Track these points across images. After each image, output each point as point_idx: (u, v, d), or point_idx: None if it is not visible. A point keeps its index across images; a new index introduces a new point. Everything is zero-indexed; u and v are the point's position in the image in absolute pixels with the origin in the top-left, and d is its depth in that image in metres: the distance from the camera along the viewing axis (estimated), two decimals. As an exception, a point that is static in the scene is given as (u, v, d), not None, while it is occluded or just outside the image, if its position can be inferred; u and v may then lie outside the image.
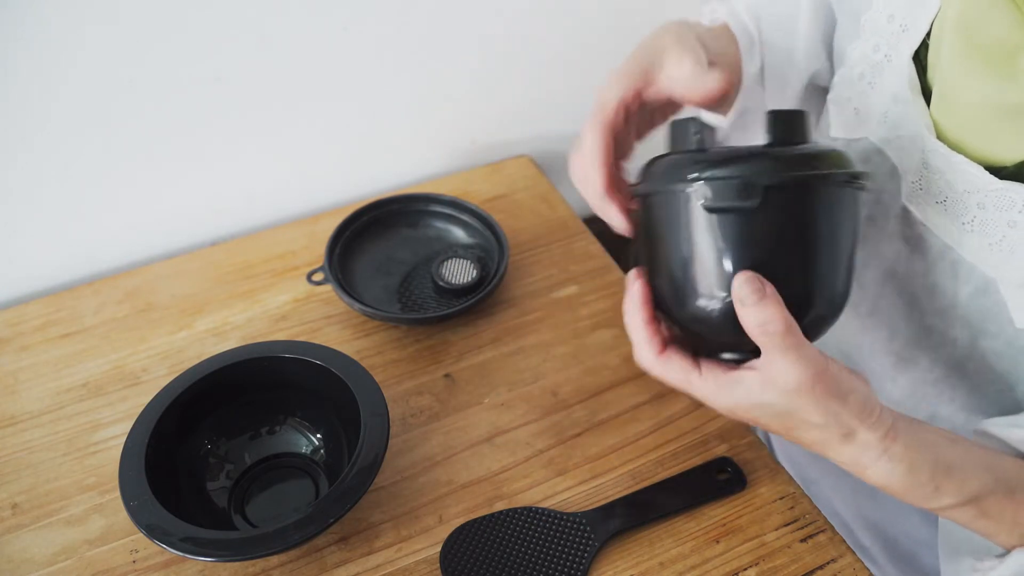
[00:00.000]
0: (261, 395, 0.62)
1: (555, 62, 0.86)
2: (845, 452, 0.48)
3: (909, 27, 0.54)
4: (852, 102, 0.59)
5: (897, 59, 0.55)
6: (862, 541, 0.74)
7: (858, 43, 0.58)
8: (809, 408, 0.46)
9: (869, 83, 0.57)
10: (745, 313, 0.45)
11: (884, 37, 0.56)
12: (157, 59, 0.69)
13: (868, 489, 0.71)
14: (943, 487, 0.48)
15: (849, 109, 0.60)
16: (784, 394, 0.46)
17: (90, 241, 0.76)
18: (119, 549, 0.57)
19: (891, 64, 0.56)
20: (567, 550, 0.56)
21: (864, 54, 0.57)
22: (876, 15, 0.56)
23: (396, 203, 0.77)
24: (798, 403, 0.46)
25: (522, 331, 0.71)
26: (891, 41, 0.55)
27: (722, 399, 0.48)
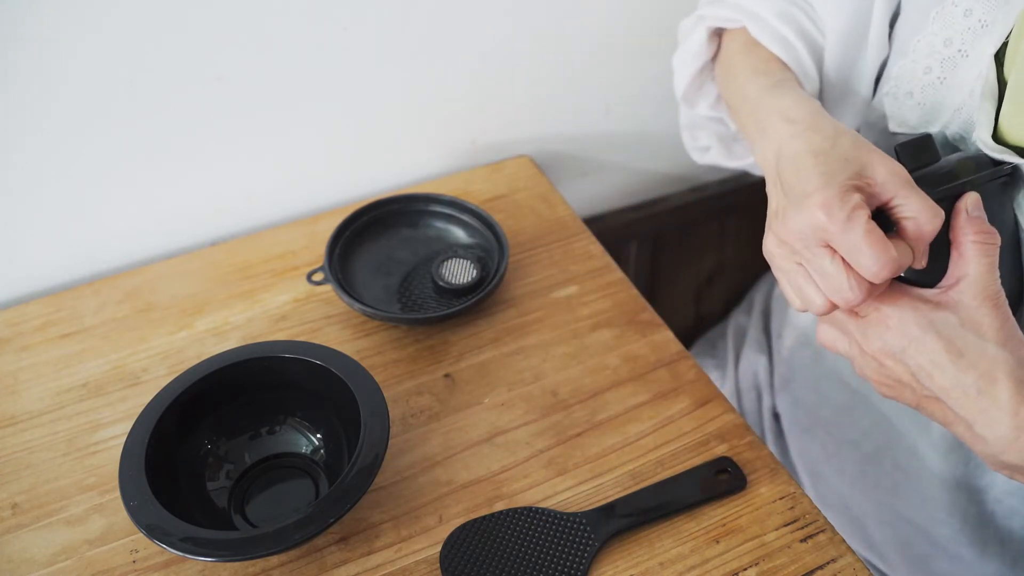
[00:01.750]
0: (261, 395, 0.62)
1: (555, 62, 0.86)
2: (1004, 389, 0.45)
3: (990, 23, 0.53)
4: (915, 97, 0.58)
5: (975, 55, 0.54)
6: (875, 537, 0.74)
7: (924, 36, 0.56)
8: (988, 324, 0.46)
9: (939, 78, 0.56)
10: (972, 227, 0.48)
11: (959, 32, 0.54)
12: (157, 59, 0.69)
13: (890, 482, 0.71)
14: None
15: (911, 103, 0.58)
16: (974, 303, 0.47)
17: (90, 241, 0.76)
18: (119, 549, 0.57)
19: (967, 60, 0.54)
20: (567, 550, 0.56)
21: (932, 47, 0.56)
22: (951, 8, 0.54)
23: (396, 203, 0.77)
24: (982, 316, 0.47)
25: (522, 331, 0.71)
26: (967, 36, 0.54)
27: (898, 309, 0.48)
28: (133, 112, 0.71)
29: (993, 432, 0.46)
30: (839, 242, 0.46)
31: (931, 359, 0.47)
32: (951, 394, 0.47)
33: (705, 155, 0.77)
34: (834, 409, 0.76)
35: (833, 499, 0.77)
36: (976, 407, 0.46)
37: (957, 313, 0.47)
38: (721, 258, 1.14)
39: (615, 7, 0.84)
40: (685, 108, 0.75)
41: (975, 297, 0.47)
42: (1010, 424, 0.45)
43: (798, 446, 0.82)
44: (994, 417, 0.46)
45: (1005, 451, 0.46)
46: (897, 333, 0.49)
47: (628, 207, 1.03)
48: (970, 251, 0.48)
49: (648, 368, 0.68)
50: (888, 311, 0.49)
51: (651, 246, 1.08)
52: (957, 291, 0.48)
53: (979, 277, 0.47)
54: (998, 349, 0.46)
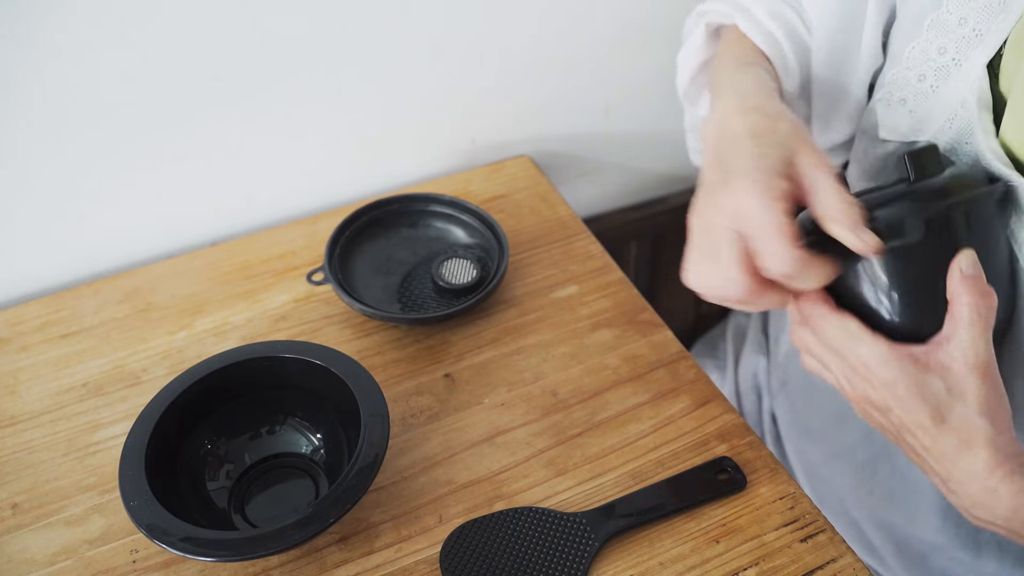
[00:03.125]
0: (261, 395, 0.62)
1: (555, 62, 0.86)
2: (979, 457, 0.47)
3: (984, 33, 0.52)
4: (907, 104, 0.58)
5: (967, 65, 0.53)
6: (872, 541, 0.74)
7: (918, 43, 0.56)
8: (974, 392, 0.47)
9: (931, 86, 0.56)
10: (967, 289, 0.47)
11: (953, 40, 0.54)
12: (156, 58, 0.69)
13: (885, 490, 0.71)
14: None
15: (903, 111, 0.58)
16: (963, 370, 0.47)
17: (90, 241, 0.76)
18: (119, 549, 0.57)
19: (960, 69, 0.54)
20: (567, 550, 0.56)
21: (926, 55, 0.55)
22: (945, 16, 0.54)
23: (396, 203, 0.77)
24: (969, 385, 0.47)
25: (522, 331, 0.71)
26: (961, 45, 0.53)
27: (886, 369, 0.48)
28: (132, 112, 0.71)
29: (965, 490, 0.48)
30: (749, 228, 0.47)
31: (915, 421, 0.48)
32: (930, 452, 0.49)
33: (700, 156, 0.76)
34: (827, 418, 0.76)
35: (831, 501, 0.77)
36: (952, 467, 0.48)
37: (945, 379, 0.48)
38: (721, 258, 1.14)
39: (615, 7, 0.84)
40: (688, 107, 0.75)
41: (965, 364, 0.47)
42: (981, 486, 0.47)
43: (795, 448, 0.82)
44: (967, 478, 0.48)
45: (975, 507, 0.48)
46: (883, 392, 0.49)
47: (628, 207, 1.03)
48: (964, 315, 0.47)
49: (648, 368, 0.68)
50: (876, 369, 0.49)
51: (651, 246, 1.08)
52: (947, 354, 0.48)
53: (971, 343, 0.47)
54: (980, 418, 0.47)
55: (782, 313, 0.86)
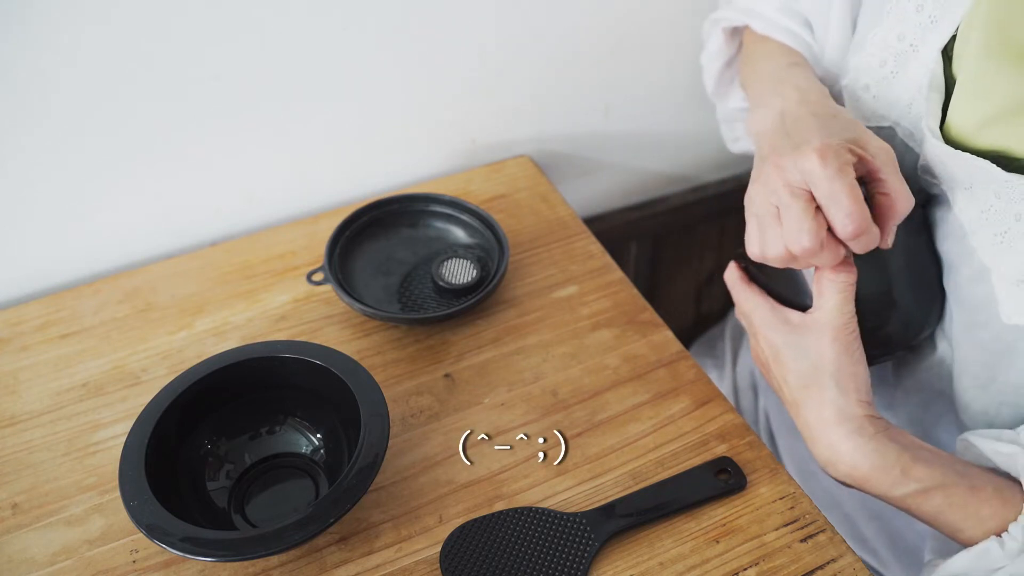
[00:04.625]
0: (261, 395, 0.62)
1: (555, 62, 0.86)
2: (825, 414, 0.53)
3: (939, 19, 0.54)
4: (871, 90, 0.59)
5: (924, 50, 0.55)
6: (864, 533, 0.74)
7: (879, 30, 0.58)
8: (827, 355, 0.53)
9: (892, 72, 0.57)
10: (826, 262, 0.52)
11: (911, 26, 0.55)
12: (156, 58, 0.69)
13: None
14: (909, 471, 0.51)
15: (867, 96, 0.60)
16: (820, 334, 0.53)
17: (90, 241, 0.76)
18: (119, 549, 0.57)
19: (917, 54, 0.55)
20: (567, 550, 0.56)
21: (887, 42, 0.57)
22: (903, 3, 0.56)
23: (396, 203, 0.77)
24: (823, 348, 0.53)
25: (522, 331, 0.71)
26: (918, 31, 0.55)
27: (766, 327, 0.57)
28: (132, 111, 0.71)
29: (816, 446, 0.55)
30: (823, 188, 0.49)
31: (782, 375, 0.56)
32: (792, 408, 0.56)
33: (736, 144, 0.83)
34: None
35: (823, 497, 0.77)
36: (806, 425, 0.55)
37: (806, 338, 0.55)
38: (721, 258, 1.14)
39: (615, 7, 0.84)
40: (718, 103, 0.79)
41: (821, 328, 0.53)
42: (825, 443, 0.53)
43: (787, 444, 0.82)
44: (815, 435, 0.54)
45: (825, 464, 0.54)
46: (766, 349, 0.58)
47: (628, 207, 1.03)
48: (825, 287, 0.53)
49: (648, 368, 0.68)
50: (759, 326, 0.58)
51: (651, 246, 1.08)
52: (812, 319, 0.54)
53: (830, 310, 0.53)
54: (828, 379, 0.53)
55: None
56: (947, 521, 0.51)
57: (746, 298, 0.60)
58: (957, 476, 0.51)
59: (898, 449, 0.52)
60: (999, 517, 0.50)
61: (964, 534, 0.51)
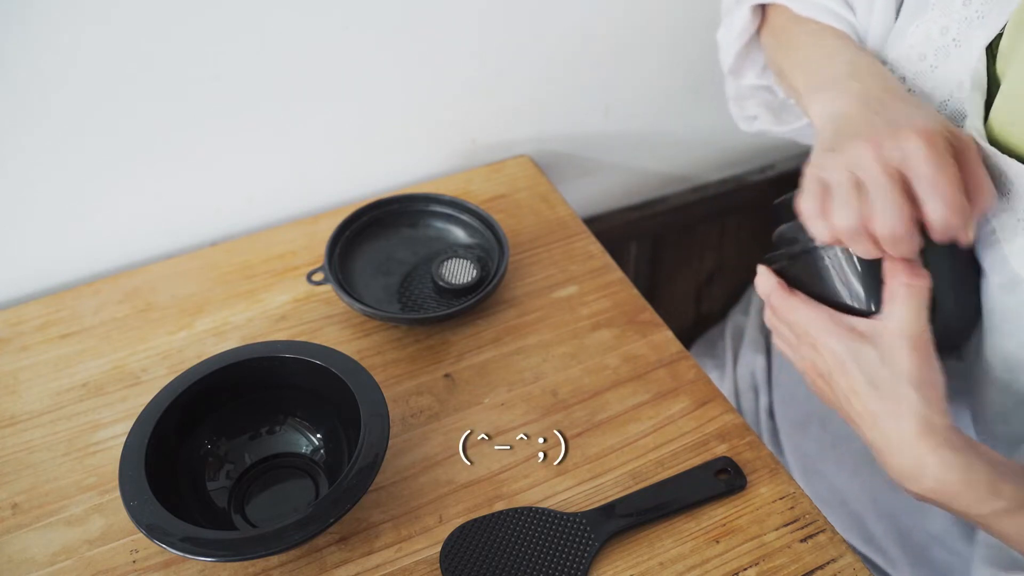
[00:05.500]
0: (261, 395, 0.62)
1: (555, 62, 0.86)
2: (907, 426, 0.48)
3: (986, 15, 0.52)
4: (907, 83, 0.58)
5: (967, 46, 0.53)
6: (873, 531, 0.74)
7: (922, 22, 0.56)
8: (905, 363, 0.48)
9: (931, 65, 0.56)
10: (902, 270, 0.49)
11: (955, 20, 0.54)
12: (156, 58, 0.69)
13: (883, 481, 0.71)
14: (1000, 488, 0.47)
15: None
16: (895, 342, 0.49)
17: (90, 241, 0.76)
18: (119, 549, 0.57)
19: (959, 49, 0.54)
20: (567, 550, 0.56)
21: (928, 34, 0.56)
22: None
23: (396, 203, 0.77)
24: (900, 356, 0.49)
25: (522, 331, 0.71)
26: (962, 26, 0.54)
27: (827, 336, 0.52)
28: (133, 112, 0.71)
29: (895, 460, 0.50)
30: (926, 173, 0.46)
31: (851, 386, 0.51)
32: (865, 420, 0.51)
33: (752, 124, 0.79)
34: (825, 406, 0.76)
35: (830, 495, 0.77)
36: (883, 437, 0.50)
37: (878, 348, 0.50)
38: (721, 258, 1.14)
39: (615, 8, 0.84)
40: (731, 80, 0.76)
41: (898, 337, 0.49)
42: (909, 456, 0.49)
43: (792, 443, 0.82)
44: (896, 448, 0.50)
45: (904, 479, 0.50)
46: (827, 358, 0.53)
47: (628, 207, 1.03)
48: (900, 293, 0.49)
49: (648, 368, 0.68)
50: (818, 336, 0.53)
51: (651, 246, 1.08)
52: (883, 327, 0.50)
53: (904, 319, 0.49)
54: (910, 388, 0.48)
55: None
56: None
57: (793, 306, 0.54)
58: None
59: (986, 464, 0.48)
60: None
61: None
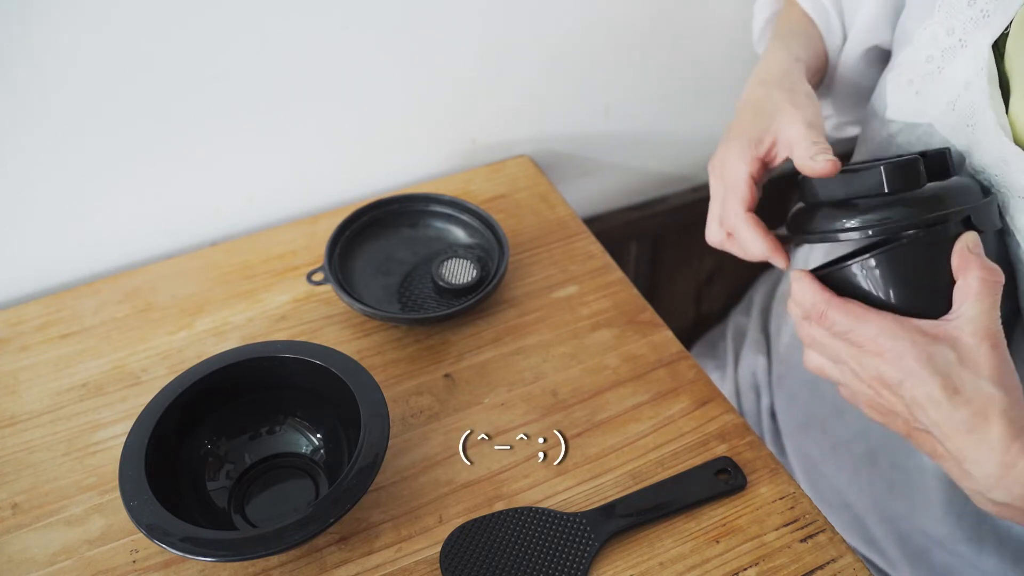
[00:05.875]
0: (261, 395, 0.62)
1: (555, 62, 0.86)
2: (995, 429, 0.46)
3: (992, 14, 0.52)
4: (914, 85, 0.58)
5: (974, 46, 0.53)
6: (874, 533, 0.74)
7: (929, 24, 0.57)
8: (986, 362, 0.46)
9: (938, 67, 0.56)
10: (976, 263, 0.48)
11: (961, 21, 0.54)
12: (156, 58, 0.69)
13: (886, 482, 0.71)
14: None
15: (910, 91, 0.59)
16: (973, 341, 0.46)
17: (90, 241, 0.76)
18: (119, 549, 0.57)
19: (965, 50, 0.54)
20: (567, 550, 0.56)
21: (934, 36, 0.56)
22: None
23: (396, 203, 0.77)
24: (980, 355, 0.46)
25: (522, 331, 0.71)
26: (968, 26, 0.54)
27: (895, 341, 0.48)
28: (133, 112, 0.71)
29: (981, 469, 0.47)
30: (727, 183, 0.58)
31: (927, 393, 0.47)
32: (943, 429, 0.47)
33: None
34: (828, 408, 0.76)
35: (832, 497, 0.77)
36: (966, 443, 0.47)
37: (956, 349, 0.47)
38: (721, 258, 1.14)
39: (615, 7, 0.84)
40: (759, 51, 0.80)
41: (974, 335, 0.47)
42: (998, 462, 0.46)
43: (795, 445, 0.82)
44: (983, 454, 0.46)
45: (992, 488, 0.47)
46: (894, 365, 0.48)
47: (628, 207, 1.03)
48: (975, 288, 0.47)
49: (648, 368, 0.68)
50: (885, 343, 0.49)
51: (651, 246, 1.08)
52: (956, 327, 0.47)
53: (980, 315, 0.47)
54: (994, 388, 0.46)
55: (782, 308, 0.87)
56: None
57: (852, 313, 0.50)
58: None
59: None
60: None
61: None
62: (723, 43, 0.92)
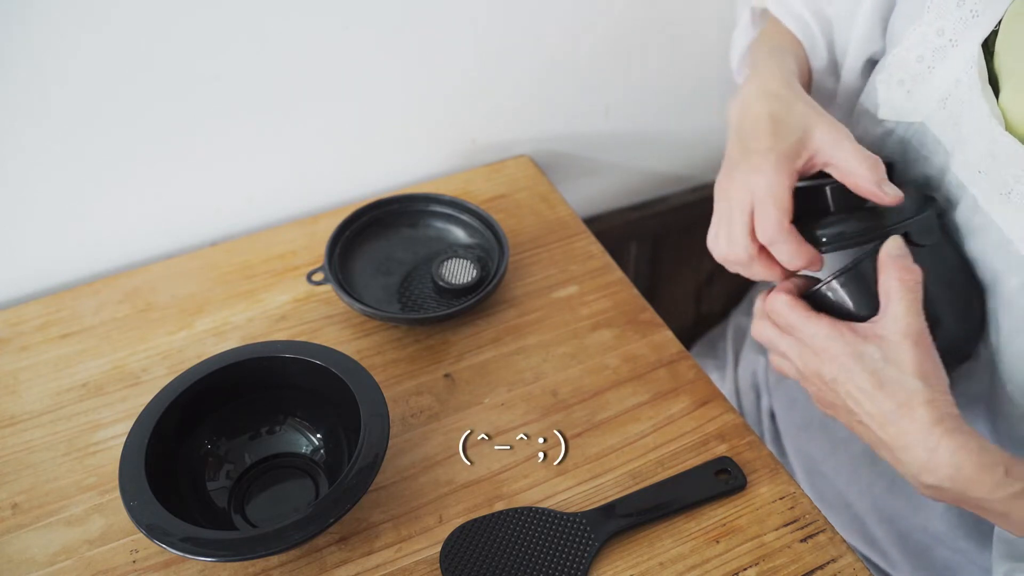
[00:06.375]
0: (261, 395, 0.62)
1: (555, 62, 0.86)
2: (918, 416, 0.50)
3: (981, 13, 0.54)
4: (905, 84, 0.59)
5: (964, 44, 0.54)
6: (874, 533, 0.74)
7: (918, 25, 0.57)
8: (908, 358, 0.51)
9: (928, 67, 0.57)
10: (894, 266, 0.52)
11: (951, 21, 0.55)
12: (156, 58, 0.69)
13: (886, 481, 0.71)
14: (1013, 470, 0.49)
15: (901, 91, 0.60)
16: (896, 339, 0.51)
17: (90, 241, 0.76)
18: (119, 549, 0.57)
19: (956, 49, 0.55)
20: (567, 550, 0.56)
21: (924, 36, 0.57)
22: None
23: (396, 203, 0.77)
24: (902, 352, 0.51)
25: (522, 331, 0.71)
26: (958, 26, 0.55)
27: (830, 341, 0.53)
28: (133, 112, 0.71)
29: (910, 455, 0.51)
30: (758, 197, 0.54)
31: (858, 387, 0.52)
32: (875, 419, 0.52)
33: None
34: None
35: (832, 497, 0.77)
36: (895, 432, 0.51)
37: (881, 348, 0.52)
38: (721, 258, 1.14)
39: (615, 7, 0.84)
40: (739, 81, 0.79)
41: (896, 333, 0.51)
42: (923, 446, 0.50)
43: (795, 445, 0.82)
44: (910, 440, 0.51)
45: (921, 472, 0.51)
46: (829, 363, 0.54)
47: (628, 207, 1.03)
48: (894, 289, 0.52)
49: (648, 368, 0.68)
50: (822, 342, 0.54)
51: (651, 246, 1.08)
52: (882, 326, 0.52)
53: (901, 315, 0.51)
54: (916, 381, 0.50)
55: None
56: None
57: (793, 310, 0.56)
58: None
59: (997, 447, 0.49)
60: None
61: None
62: (723, 43, 0.92)
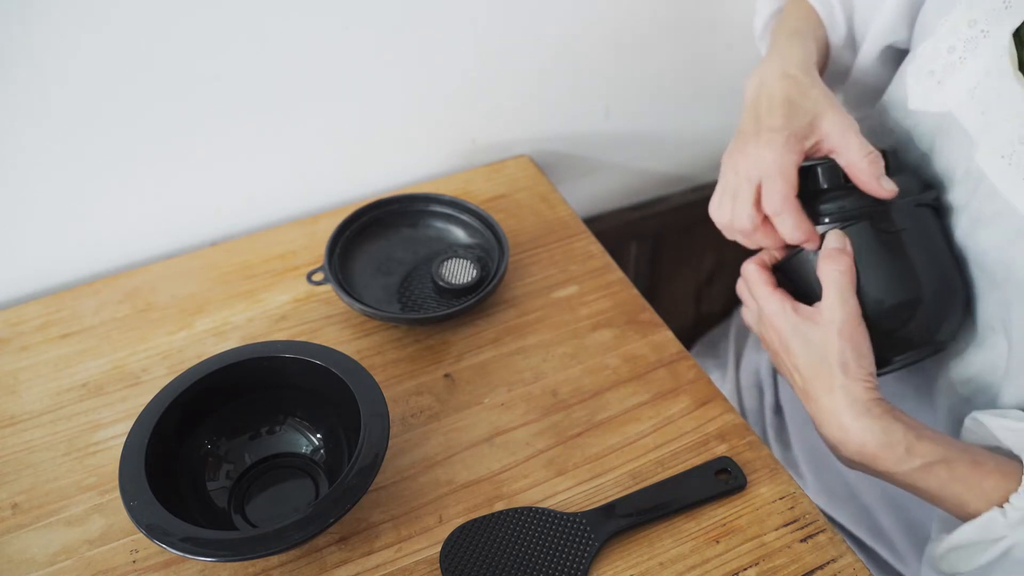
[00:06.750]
0: (261, 395, 0.62)
1: (555, 62, 0.86)
2: (834, 398, 0.56)
3: (1013, 3, 0.55)
4: (936, 75, 0.60)
5: (996, 35, 0.56)
6: (881, 524, 0.74)
7: (951, 16, 0.59)
8: (832, 346, 0.56)
9: (960, 57, 0.58)
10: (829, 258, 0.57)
11: (983, 12, 0.56)
12: (156, 58, 0.69)
13: None
14: (914, 448, 0.54)
15: (931, 82, 0.61)
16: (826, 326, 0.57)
17: (90, 241, 0.76)
18: (119, 549, 0.57)
19: (988, 39, 0.56)
20: (567, 550, 0.56)
21: (956, 27, 0.58)
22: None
23: (396, 203, 0.77)
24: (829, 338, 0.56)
25: (522, 331, 0.71)
26: (991, 17, 0.56)
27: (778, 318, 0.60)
28: (133, 112, 0.71)
29: (827, 431, 0.58)
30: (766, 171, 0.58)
31: (794, 363, 0.59)
32: (805, 394, 0.59)
33: None
34: None
35: (839, 489, 0.77)
36: (815, 408, 0.58)
37: (814, 331, 0.58)
38: (721, 258, 1.14)
39: (615, 8, 0.84)
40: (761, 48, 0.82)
41: (827, 322, 0.57)
42: (837, 425, 0.56)
43: (801, 438, 0.82)
44: (827, 419, 0.57)
45: (835, 446, 0.57)
46: (774, 334, 0.61)
47: (628, 207, 1.03)
48: (825, 279, 0.57)
49: (648, 368, 0.68)
50: (768, 316, 0.61)
51: (651, 246, 1.08)
52: (818, 311, 0.58)
53: (829, 305, 0.57)
54: (835, 368, 0.56)
55: None
56: (951, 494, 0.54)
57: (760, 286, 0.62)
58: (959, 451, 0.54)
59: (903, 427, 0.55)
60: (1001, 489, 0.52)
61: (968, 507, 0.53)
62: (723, 43, 0.92)
